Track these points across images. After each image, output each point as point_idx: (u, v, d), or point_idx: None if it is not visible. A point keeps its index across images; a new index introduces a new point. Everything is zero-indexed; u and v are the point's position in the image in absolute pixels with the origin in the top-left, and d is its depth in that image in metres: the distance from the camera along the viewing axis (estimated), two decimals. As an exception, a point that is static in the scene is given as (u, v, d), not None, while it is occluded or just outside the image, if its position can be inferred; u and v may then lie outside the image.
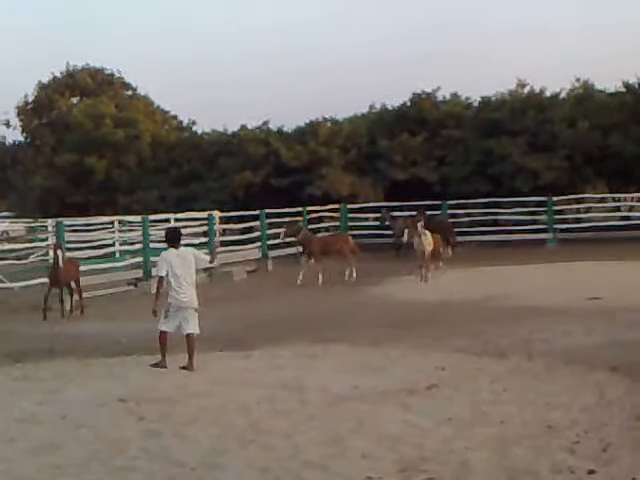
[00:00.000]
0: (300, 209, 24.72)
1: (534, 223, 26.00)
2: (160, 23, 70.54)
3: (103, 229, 23.12)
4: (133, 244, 21.32)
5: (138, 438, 6.56)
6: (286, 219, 22.30)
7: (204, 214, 22.68)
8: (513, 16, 62.46)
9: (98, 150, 29.80)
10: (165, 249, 9.69)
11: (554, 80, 43.41)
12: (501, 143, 25.72)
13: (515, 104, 26.96)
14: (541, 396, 7.54)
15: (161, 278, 9.33)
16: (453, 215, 26.01)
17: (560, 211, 25.99)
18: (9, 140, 37.87)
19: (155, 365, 9.34)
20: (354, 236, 25.49)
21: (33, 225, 26.45)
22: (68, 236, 19.14)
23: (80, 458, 6.11)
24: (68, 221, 20.46)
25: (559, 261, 19.82)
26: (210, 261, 10.28)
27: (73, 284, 15.25)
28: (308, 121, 29.19)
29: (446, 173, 26.54)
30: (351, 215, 26.64)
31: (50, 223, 23.02)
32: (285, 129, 29.79)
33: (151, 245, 19.06)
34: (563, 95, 27.54)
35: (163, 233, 10.79)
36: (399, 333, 11.33)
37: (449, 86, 46.06)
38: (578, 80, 27.46)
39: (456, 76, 47.19)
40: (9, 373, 9.55)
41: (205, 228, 22.23)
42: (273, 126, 29.81)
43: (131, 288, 18.28)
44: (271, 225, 22.97)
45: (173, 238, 9.59)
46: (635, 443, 6.05)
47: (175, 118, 35.00)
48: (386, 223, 24.64)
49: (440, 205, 25.40)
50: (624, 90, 26.76)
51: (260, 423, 6.90)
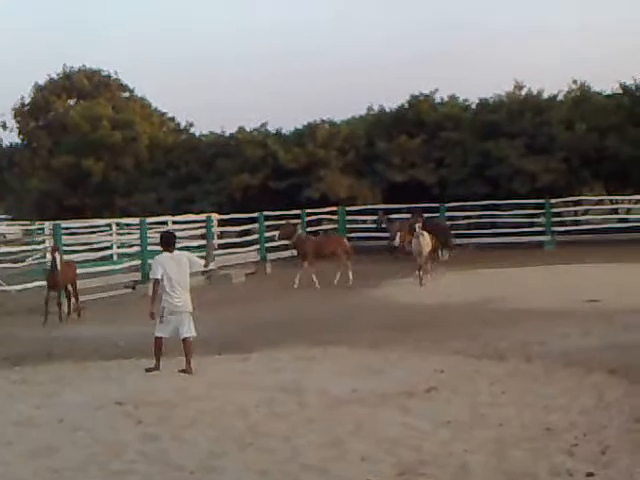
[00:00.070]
0: (298, 212, 24.70)
1: (532, 225, 26.01)
2: (157, 24, 70.65)
3: (100, 232, 22.99)
4: (131, 247, 21.22)
5: (136, 441, 6.55)
6: (284, 222, 22.23)
7: (202, 216, 22.65)
8: (511, 18, 62.64)
9: (95, 152, 29.72)
10: (160, 252, 9.69)
11: (552, 82, 43.53)
12: (499, 145, 25.71)
13: (513, 106, 26.96)
14: (539, 398, 7.54)
15: (156, 281, 9.30)
16: (451, 217, 26.04)
17: (558, 213, 25.98)
18: (6, 142, 37.95)
19: (149, 370, 9.34)
20: (352, 238, 25.61)
21: (30, 228, 26.34)
22: (65, 239, 19.08)
23: (77, 461, 6.10)
24: (65, 224, 20.35)
25: (557, 263, 19.83)
26: (205, 265, 10.19)
27: (70, 287, 15.21)
28: (306, 123, 29.22)
29: (444, 175, 26.53)
30: (349, 217, 26.61)
31: (47, 226, 22.95)
32: (283, 131, 29.82)
33: (149, 248, 18.99)
34: (560, 97, 27.57)
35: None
36: (398, 336, 11.32)
37: (447, 88, 46.06)
38: (575, 82, 27.48)
39: (454, 78, 47.34)
40: (7, 376, 9.54)
41: (203, 231, 22.20)
42: (271, 128, 29.87)
43: (129, 291, 18.26)
44: (269, 228, 22.94)
45: (167, 242, 9.57)
46: (634, 445, 6.07)
47: (173, 120, 34.94)
48: (382, 225, 24.39)
49: (438, 207, 25.37)
50: (621, 92, 26.78)
51: (259, 426, 6.88)
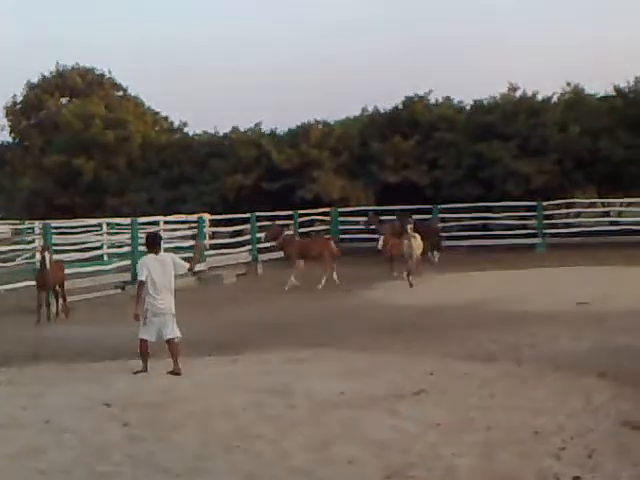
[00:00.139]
0: (291, 212, 24.63)
1: (524, 228, 25.99)
2: (152, 24, 70.31)
3: (91, 231, 22.89)
4: (121, 247, 21.16)
5: (122, 443, 6.51)
6: (277, 222, 22.16)
7: (194, 217, 22.57)
8: (506, 19, 62.46)
9: (87, 151, 29.60)
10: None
11: (546, 84, 43.52)
12: (492, 147, 25.67)
13: (507, 107, 26.95)
14: (528, 401, 7.53)
15: (141, 282, 9.24)
16: (444, 219, 25.99)
17: (550, 216, 25.98)
18: (-3, 141, 37.74)
19: (137, 372, 9.29)
20: (344, 239, 25.65)
21: (20, 227, 26.21)
22: (55, 238, 18.98)
23: (64, 463, 6.06)
24: (55, 223, 20.28)
25: (548, 266, 19.84)
26: (189, 269, 9.89)
27: (58, 287, 15.15)
28: (300, 123, 29.17)
29: (438, 176, 26.46)
30: (342, 219, 26.53)
31: (37, 225, 22.85)
32: (277, 132, 29.72)
33: (140, 248, 18.89)
34: (554, 99, 27.56)
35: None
36: (388, 338, 11.28)
37: (441, 89, 45.99)
38: (569, 84, 27.51)
39: (448, 79, 47.27)
40: (-7, 377, 9.46)
41: (195, 231, 22.10)
42: (265, 128, 29.80)
43: (119, 291, 18.17)
44: (262, 228, 22.88)
45: (153, 243, 9.51)
46: (620, 449, 6.06)
47: (166, 119, 34.81)
48: (371, 227, 23.69)
49: (431, 209, 25.31)
50: (614, 94, 26.80)
51: (246, 428, 6.84)
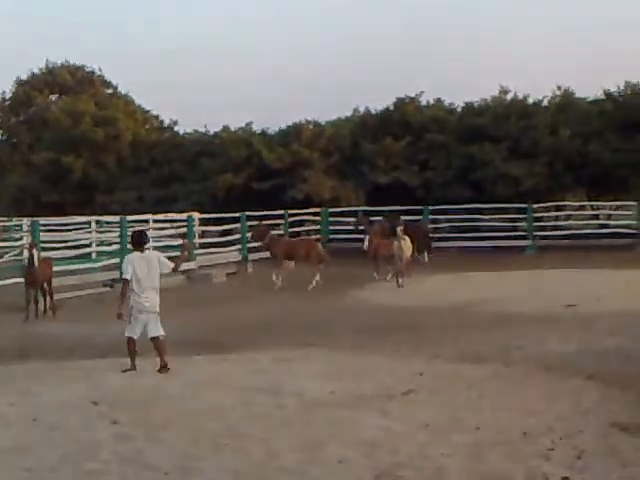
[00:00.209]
0: (281, 212, 24.56)
1: (514, 230, 26.01)
2: (143, 21, 70.02)
3: (79, 229, 22.76)
4: (110, 245, 21.05)
5: (111, 441, 6.48)
6: (267, 222, 22.08)
7: (183, 215, 22.47)
8: (498, 22, 62.56)
9: (76, 148, 29.46)
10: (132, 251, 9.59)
11: (537, 87, 43.56)
12: (483, 149, 25.73)
13: (498, 110, 27.00)
14: (517, 402, 7.55)
15: (126, 281, 9.16)
16: (434, 220, 25.97)
17: (539, 218, 25.98)
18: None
19: (125, 370, 9.24)
20: (334, 240, 25.60)
21: (7, 224, 26.04)
22: (43, 236, 18.90)
23: (51, 461, 6.03)
24: (44, 220, 20.22)
25: (537, 268, 19.86)
26: (173, 269, 9.71)
27: (46, 285, 15.08)
28: (291, 123, 29.10)
29: (428, 178, 26.48)
30: (332, 219, 26.45)
31: (25, 222, 22.70)
32: (268, 131, 29.64)
33: (129, 246, 18.74)
34: (545, 103, 27.63)
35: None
36: (378, 338, 11.31)
37: (433, 91, 46.14)
38: (559, 88, 27.60)
39: (440, 81, 47.33)
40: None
41: (184, 230, 22.00)
42: (256, 128, 29.71)
43: (107, 290, 18.03)
44: (252, 228, 22.78)
45: (139, 241, 9.46)
46: (609, 450, 6.08)
47: (156, 118, 34.63)
48: (360, 228, 23.23)
49: (422, 210, 25.29)
50: (604, 98, 26.89)
51: (235, 427, 6.82)
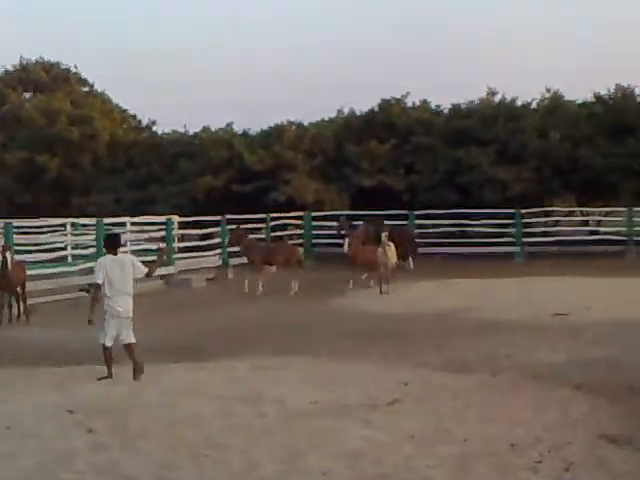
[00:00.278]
0: (263, 216, 23.93)
1: (502, 236, 25.55)
2: (120, 18, 68.74)
3: (54, 232, 22.10)
4: (86, 248, 20.62)
5: (86, 451, 6.35)
6: (248, 225, 21.51)
7: (162, 218, 21.98)
8: (489, 24, 62.16)
9: (51, 148, 28.90)
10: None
11: (526, 90, 43.12)
12: (470, 152, 25.31)
13: (485, 112, 26.58)
14: (504, 413, 7.43)
15: (98, 285, 8.89)
16: (420, 225, 25.43)
17: (528, 224, 25.57)
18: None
19: (101, 379, 8.98)
20: (317, 244, 25.00)
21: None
22: (17, 238, 18.57)
23: (25, 470, 5.94)
24: (17, 222, 19.75)
25: (526, 275, 19.56)
26: (147, 274, 9.32)
27: (19, 289, 14.76)
28: (273, 124, 28.46)
29: (414, 181, 26.03)
30: (315, 223, 25.80)
31: (-2, 224, 21.86)
32: (250, 132, 29.00)
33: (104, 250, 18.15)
34: (534, 105, 27.31)
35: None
36: (362, 346, 11.10)
37: (419, 93, 45.70)
38: (548, 90, 27.30)
39: (426, 83, 46.99)
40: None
41: (163, 233, 21.44)
42: (237, 128, 29.09)
43: (84, 294, 17.39)
44: (232, 232, 22.10)
45: (112, 243, 9.34)
46: (598, 462, 6.02)
47: (134, 117, 33.88)
48: (342, 232, 22.04)
49: (407, 215, 24.73)
50: (594, 101, 26.63)
51: (214, 437, 6.69)
